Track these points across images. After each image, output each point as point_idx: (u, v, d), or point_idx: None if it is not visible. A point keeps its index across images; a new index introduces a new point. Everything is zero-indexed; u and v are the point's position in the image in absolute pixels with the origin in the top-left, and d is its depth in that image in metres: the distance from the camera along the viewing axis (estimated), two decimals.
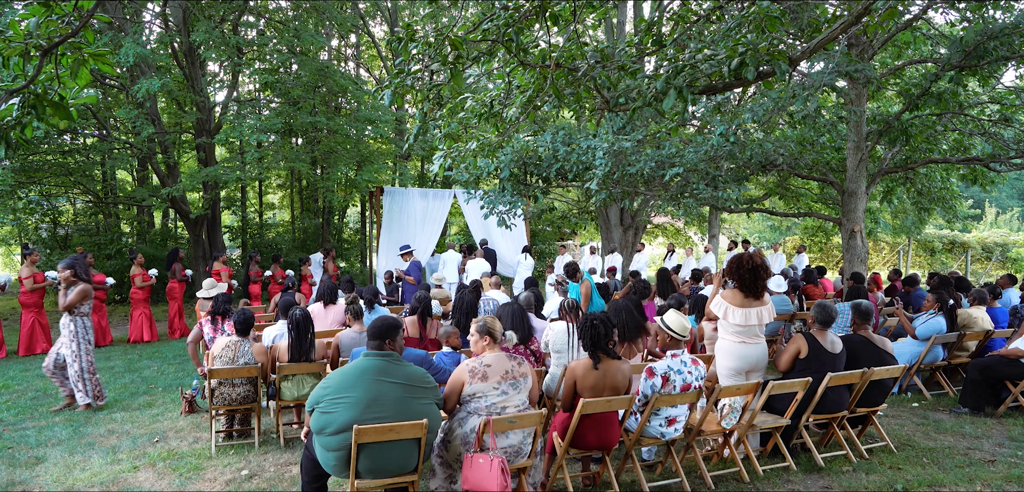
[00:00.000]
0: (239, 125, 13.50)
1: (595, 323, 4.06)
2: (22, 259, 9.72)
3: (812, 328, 4.87)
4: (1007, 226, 28.56)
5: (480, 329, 3.93)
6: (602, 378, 4.02)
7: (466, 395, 3.71)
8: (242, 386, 5.23)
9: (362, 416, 3.36)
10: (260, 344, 5.43)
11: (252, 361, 5.22)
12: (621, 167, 7.33)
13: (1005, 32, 7.97)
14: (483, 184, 9.72)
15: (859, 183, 9.38)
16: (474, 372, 3.73)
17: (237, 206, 20.06)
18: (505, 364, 3.78)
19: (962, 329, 6.81)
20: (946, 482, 4.54)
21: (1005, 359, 6.09)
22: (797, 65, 5.44)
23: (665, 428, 4.19)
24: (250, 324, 5.31)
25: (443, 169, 5.20)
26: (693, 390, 4.17)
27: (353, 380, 3.46)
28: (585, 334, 4.08)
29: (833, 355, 4.75)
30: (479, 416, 3.64)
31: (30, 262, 9.39)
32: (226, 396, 5.21)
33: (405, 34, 3.99)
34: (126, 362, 8.70)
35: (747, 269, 4.62)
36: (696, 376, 4.21)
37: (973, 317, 6.83)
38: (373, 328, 3.64)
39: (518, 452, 3.71)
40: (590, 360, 4.04)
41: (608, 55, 4.17)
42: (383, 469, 3.46)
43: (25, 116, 2.91)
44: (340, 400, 3.42)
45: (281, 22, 15.95)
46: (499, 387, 3.70)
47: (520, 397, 3.76)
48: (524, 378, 3.81)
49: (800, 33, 6.82)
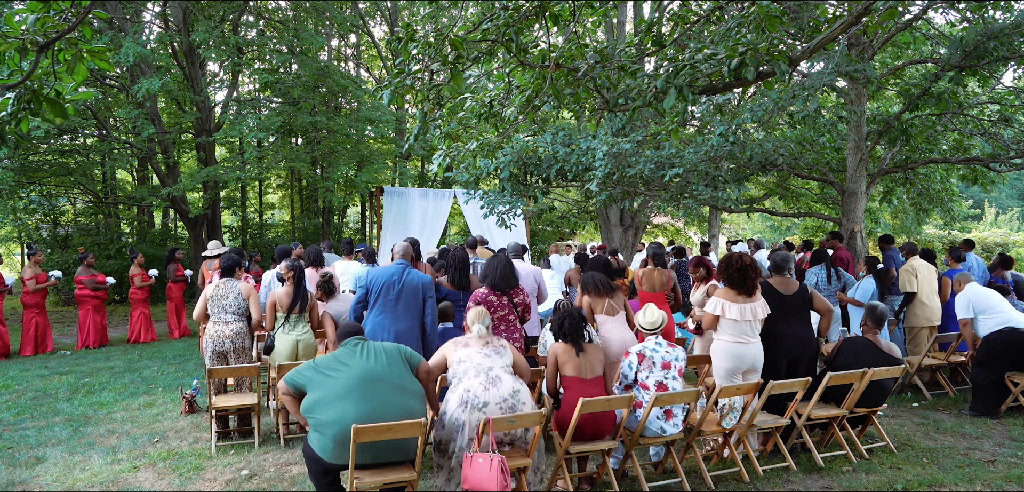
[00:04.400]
0: (239, 125, 13.50)
1: (574, 317, 4.30)
2: (23, 259, 9.76)
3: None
4: (1007, 226, 28.55)
5: (470, 319, 4.19)
6: (584, 361, 4.25)
7: (454, 361, 3.96)
8: (234, 322, 5.50)
9: (357, 386, 3.56)
10: (247, 283, 5.75)
11: (240, 297, 5.56)
12: (621, 168, 7.33)
13: (1005, 32, 7.96)
14: (483, 184, 9.71)
15: (859, 183, 9.37)
16: (458, 342, 4.05)
17: (237, 206, 20.05)
18: (486, 337, 4.06)
19: (908, 278, 7.19)
20: (946, 482, 4.54)
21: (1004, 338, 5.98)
22: (797, 65, 5.45)
23: (664, 422, 4.24)
24: (234, 266, 5.71)
25: (442, 169, 5.20)
26: (674, 370, 4.33)
27: (345, 355, 3.70)
28: (563, 328, 4.29)
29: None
30: (469, 377, 3.84)
31: (34, 262, 9.39)
32: (219, 334, 5.45)
33: (405, 34, 3.99)
34: (126, 362, 8.70)
35: (736, 268, 4.69)
36: (674, 356, 4.37)
37: (915, 267, 7.22)
38: (346, 332, 3.93)
39: (512, 408, 3.82)
40: (573, 346, 4.25)
41: (608, 55, 4.17)
42: (379, 451, 3.55)
43: (20, 112, 2.91)
44: (332, 373, 3.64)
45: (281, 22, 15.95)
46: (482, 351, 3.95)
47: (504, 360, 3.97)
48: (503, 349, 4.04)
49: (800, 33, 6.81)
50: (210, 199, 14.85)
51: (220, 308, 5.50)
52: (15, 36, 2.78)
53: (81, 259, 10.17)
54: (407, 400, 3.64)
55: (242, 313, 5.56)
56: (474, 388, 3.77)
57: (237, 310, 5.53)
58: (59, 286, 13.96)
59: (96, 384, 7.43)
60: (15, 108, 2.89)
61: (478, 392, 3.76)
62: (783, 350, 4.95)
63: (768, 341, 4.88)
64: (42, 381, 7.60)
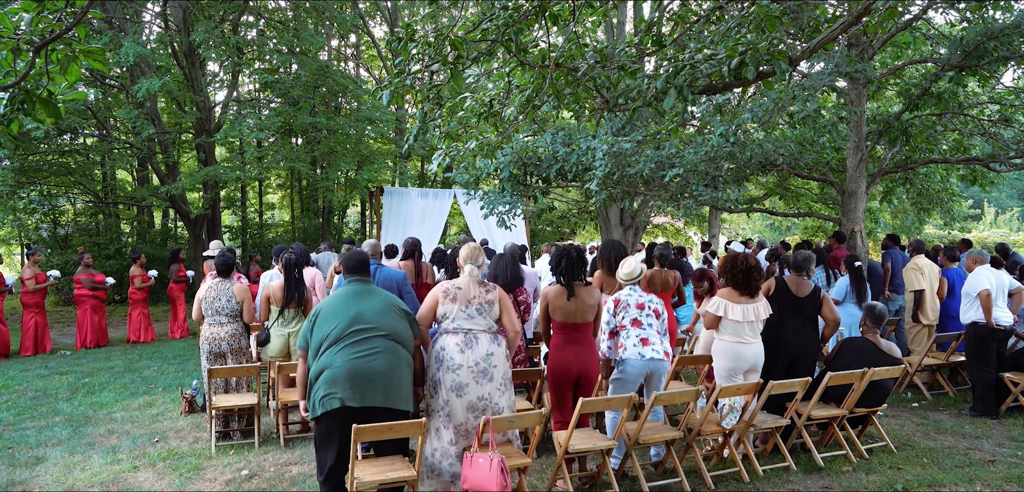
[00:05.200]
0: (239, 125, 13.50)
1: (572, 256, 4.36)
2: (23, 259, 9.75)
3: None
4: (1007, 226, 28.57)
5: (463, 255, 4.19)
6: (574, 305, 4.32)
7: (440, 314, 3.98)
8: (229, 324, 5.52)
9: (346, 331, 3.59)
10: (241, 284, 5.74)
11: (234, 300, 5.54)
12: (621, 168, 7.33)
13: (1005, 32, 7.96)
14: (483, 184, 9.70)
15: (859, 183, 9.37)
16: (446, 293, 3.98)
17: (237, 206, 20.05)
18: (474, 290, 4.00)
19: (916, 275, 7.21)
20: (946, 482, 4.54)
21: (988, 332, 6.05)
22: (797, 65, 5.45)
23: (642, 348, 4.38)
24: (230, 266, 5.65)
25: (442, 168, 5.20)
26: (649, 310, 4.47)
27: (336, 304, 3.72)
28: (561, 266, 4.36)
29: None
30: (448, 335, 3.92)
31: (33, 262, 9.39)
32: (214, 336, 5.47)
33: (405, 34, 3.98)
34: (126, 362, 8.70)
35: (741, 269, 4.70)
36: (648, 298, 4.52)
37: (921, 265, 7.25)
38: (351, 263, 3.90)
39: (484, 372, 3.87)
40: (564, 288, 4.32)
41: (608, 55, 4.17)
42: (365, 392, 3.54)
43: (13, 113, 2.90)
44: (325, 323, 3.67)
45: (281, 22, 15.95)
46: (466, 311, 3.94)
47: (486, 321, 3.96)
48: (490, 305, 4.00)
49: (800, 33, 6.81)
50: (210, 199, 14.85)
51: (214, 310, 5.50)
52: (9, 36, 2.77)
53: (80, 259, 10.18)
54: (398, 360, 3.67)
55: (236, 314, 5.58)
56: (449, 348, 3.89)
57: (231, 311, 5.53)
58: (59, 286, 13.96)
59: (96, 384, 7.43)
60: (8, 109, 2.88)
61: (453, 354, 3.87)
62: (784, 350, 4.96)
63: (771, 340, 4.88)
64: (42, 381, 7.60)
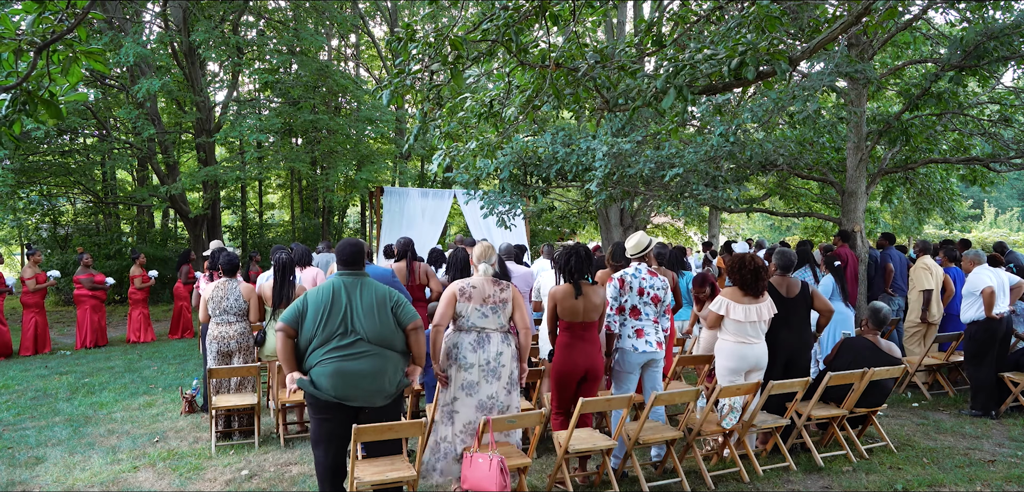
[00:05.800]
0: (239, 125, 13.49)
1: (581, 254, 4.37)
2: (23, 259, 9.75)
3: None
4: (1007, 226, 28.57)
5: (476, 254, 4.24)
6: (581, 304, 4.32)
7: (457, 313, 4.07)
8: (238, 323, 5.52)
9: (332, 335, 3.56)
10: (248, 284, 5.72)
11: (241, 299, 5.54)
12: (621, 168, 7.33)
13: (1005, 32, 7.95)
14: (483, 184, 9.70)
15: (859, 183, 9.36)
16: (462, 292, 4.07)
17: (237, 206, 20.05)
18: (488, 289, 4.10)
19: (924, 275, 7.25)
20: (946, 482, 4.54)
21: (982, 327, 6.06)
22: (797, 65, 5.45)
23: (636, 339, 4.44)
24: (235, 266, 5.65)
25: (442, 168, 5.20)
26: (648, 297, 4.54)
27: (322, 299, 3.64)
28: (569, 264, 4.36)
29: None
30: (461, 333, 4.04)
31: (33, 262, 9.39)
32: (223, 335, 5.46)
33: (405, 34, 3.98)
34: (126, 362, 8.70)
35: (749, 270, 4.66)
36: (651, 283, 4.56)
37: (928, 264, 7.31)
38: (344, 254, 3.82)
39: (493, 371, 3.96)
40: (572, 287, 4.32)
41: (608, 55, 4.17)
42: (352, 389, 3.53)
43: (14, 114, 2.91)
44: (311, 323, 3.62)
45: (281, 22, 15.95)
46: (480, 309, 4.05)
47: (499, 320, 4.09)
48: (504, 304, 4.11)
49: (800, 33, 6.81)
50: (210, 199, 14.85)
51: (222, 310, 5.50)
52: (11, 37, 2.78)
53: (80, 259, 10.18)
54: (384, 362, 3.61)
55: (244, 313, 5.59)
56: (462, 346, 4.03)
57: (239, 311, 5.54)
58: (59, 286, 13.96)
59: (96, 384, 7.43)
60: (9, 110, 2.89)
61: (466, 352, 4.01)
62: (781, 350, 4.95)
63: (766, 342, 4.88)
64: (42, 381, 7.60)
